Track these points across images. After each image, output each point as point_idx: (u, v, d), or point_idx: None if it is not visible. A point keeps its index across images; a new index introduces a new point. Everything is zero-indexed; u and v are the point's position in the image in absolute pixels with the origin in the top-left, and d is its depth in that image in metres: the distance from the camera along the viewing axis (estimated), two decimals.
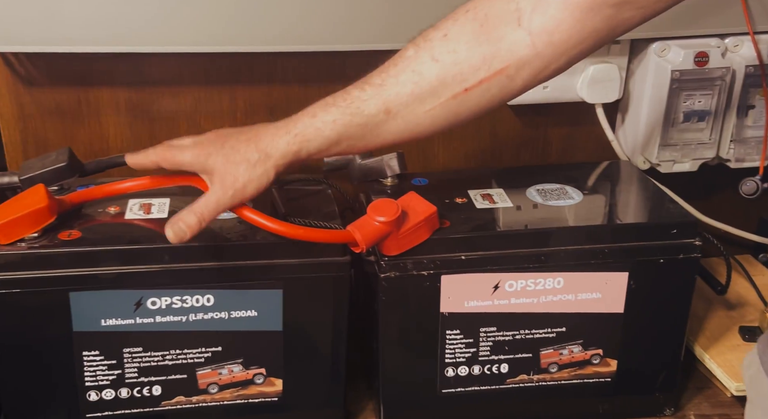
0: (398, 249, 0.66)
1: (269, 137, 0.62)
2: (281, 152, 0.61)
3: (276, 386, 0.69)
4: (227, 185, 0.61)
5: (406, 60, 0.60)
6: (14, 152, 0.82)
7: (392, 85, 0.60)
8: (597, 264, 0.69)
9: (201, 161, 0.62)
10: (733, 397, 0.77)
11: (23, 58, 0.78)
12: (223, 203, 0.61)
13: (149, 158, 0.64)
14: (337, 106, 0.61)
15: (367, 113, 0.60)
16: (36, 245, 0.63)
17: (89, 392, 0.66)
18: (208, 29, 0.75)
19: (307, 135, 0.61)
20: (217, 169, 0.61)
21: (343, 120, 0.60)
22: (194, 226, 0.60)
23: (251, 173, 0.61)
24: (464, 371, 0.71)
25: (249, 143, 0.62)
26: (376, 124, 0.61)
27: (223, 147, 0.62)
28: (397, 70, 0.60)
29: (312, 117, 0.61)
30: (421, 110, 0.60)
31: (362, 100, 0.60)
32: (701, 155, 0.88)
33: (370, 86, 0.61)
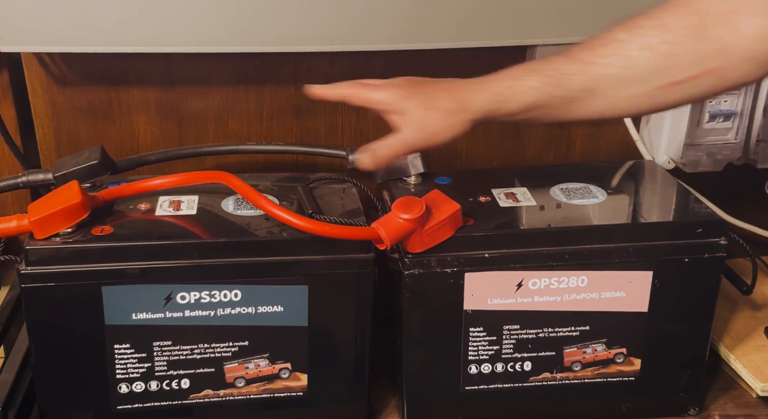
0: (422, 246, 0.67)
1: (468, 90, 0.63)
2: (479, 107, 0.63)
3: (301, 381, 0.70)
4: (421, 128, 0.63)
5: (618, 43, 0.60)
6: (48, 150, 0.84)
7: (600, 65, 0.60)
8: (621, 263, 0.69)
9: (395, 100, 0.64)
10: (758, 398, 0.77)
11: (57, 59, 0.80)
12: (414, 144, 0.63)
13: (336, 90, 0.66)
14: (542, 73, 0.62)
15: (571, 87, 0.61)
16: (70, 240, 0.64)
17: (120, 384, 0.67)
18: (235, 30, 0.77)
19: (507, 96, 0.62)
20: (412, 111, 0.63)
21: (546, 89, 0.61)
22: (386, 156, 0.63)
23: (447, 121, 0.63)
24: (487, 368, 0.71)
25: (449, 92, 0.63)
26: (576, 99, 0.61)
27: (420, 92, 0.64)
28: (606, 52, 0.61)
29: (514, 79, 0.63)
30: (624, 93, 0.60)
31: (568, 75, 0.61)
32: (727, 156, 0.88)
33: (578, 62, 0.61)
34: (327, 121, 0.87)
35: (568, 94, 0.61)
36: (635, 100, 0.61)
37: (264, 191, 0.72)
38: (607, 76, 0.60)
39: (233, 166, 0.86)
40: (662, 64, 0.59)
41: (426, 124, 0.63)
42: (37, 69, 0.81)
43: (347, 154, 0.78)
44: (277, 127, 0.87)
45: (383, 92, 0.65)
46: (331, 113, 0.87)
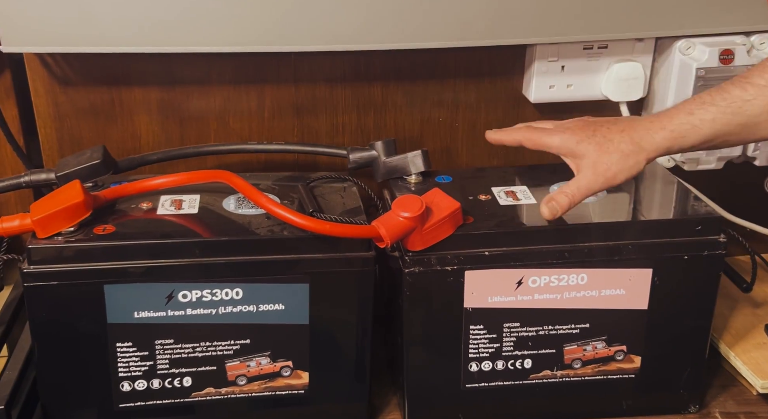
0: (422, 245, 0.67)
1: (643, 130, 0.65)
2: (655, 147, 0.64)
3: (303, 378, 0.70)
4: (599, 172, 0.64)
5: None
6: (50, 150, 0.84)
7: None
8: (621, 260, 0.69)
9: (570, 145, 0.66)
10: (758, 395, 0.77)
11: (59, 59, 0.81)
12: (593, 188, 0.65)
13: (512, 136, 0.70)
14: (716, 104, 0.63)
15: (750, 113, 0.62)
16: (72, 239, 0.65)
17: (122, 382, 0.68)
18: (236, 30, 0.77)
19: (683, 132, 0.63)
20: (589, 155, 0.65)
21: (723, 119, 0.62)
22: (565, 205, 0.65)
23: (623, 163, 0.64)
24: (488, 366, 0.71)
25: (623, 134, 0.65)
26: (756, 123, 0.62)
27: (595, 135, 0.65)
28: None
29: (689, 114, 0.63)
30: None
31: (745, 101, 0.62)
32: (726, 153, 0.88)
33: (753, 86, 0.62)
34: (328, 120, 0.88)
35: (748, 121, 0.62)
36: None
37: (265, 190, 0.72)
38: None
39: (235, 165, 0.86)
40: None
41: (605, 168, 0.64)
42: (39, 69, 0.81)
43: (348, 153, 0.79)
44: (278, 126, 0.87)
45: (558, 136, 0.67)
46: (332, 113, 0.87)
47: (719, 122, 0.62)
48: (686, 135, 0.63)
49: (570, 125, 0.68)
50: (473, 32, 0.80)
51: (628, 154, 0.64)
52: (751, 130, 0.63)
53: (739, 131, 0.63)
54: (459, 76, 0.88)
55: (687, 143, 0.64)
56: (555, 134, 0.68)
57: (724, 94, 0.63)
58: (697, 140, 0.63)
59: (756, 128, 0.63)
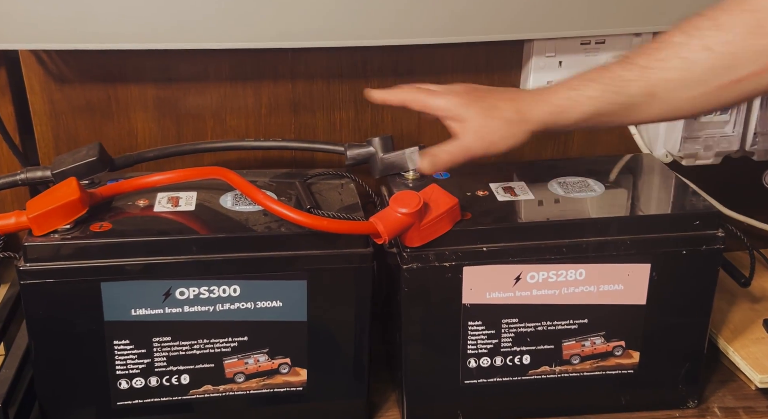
0: (420, 241, 0.67)
1: (529, 101, 0.64)
2: (539, 119, 0.64)
3: (301, 376, 0.70)
4: (481, 135, 0.64)
5: (675, 46, 0.61)
6: (46, 147, 0.84)
7: (659, 69, 0.61)
8: (619, 256, 0.69)
9: (455, 108, 0.65)
10: (757, 390, 0.77)
11: (55, 56, 0.81)
12: (474, 150, 0.65)
13: (397, 96, 0.68)
14: (600, 82, 0.62)
15: (630, 93, 0.62)
16: (68, 236, 0.64)
17: (120, 380, 0.68)
18: (233, 26, 0.77)
19: (565, 107, 0.63)
20: (473, 119, 0.64)
21: (605, 97, 0.62)
22: (446, 161, 0.65)
23: (507, 130, 0.64)
24: (486, 362, 0.71)
25: (510, 102, 0.64)
26: (635, 104, 0.62)
27: (482, 100, 0.65)
28: (664, 55, 0.61)
29: (572, 90, 0.63)
30: (685, 96, 0.61)
31: (626, 80, 0.62)
32: (724, 148, 0.88)
33: (635, 67, 0.62)
34: (325, 117, 0.87)
35: (628, 101, 0.62)
36: (696, 100, 0.61)
37: (262, 186, 0.72)
38: (666, 80, 0.61)
39: (232, 162, 0.86)
40: (722, 63, 0.59)
41: (486, 132, 0.64)
42: (34, 67, 0.81)
43: (345, 149, 0.78)
44: (275, 123, 0.87)
45: (443, 98, 0.66)
46: (329, 109, 0.87)
47: (600, 100, 0.62)
48: (568, 110, 0.63)
49: (457, 89, 0.68)
50: (470, 28, 0.80)
51: (511, 122, 0.64)
52: (630, 111, 0.62)
53: (618, 111, 0.62)
54: (456, 71, 0.87)
55: (569, 117, 0.63)
56: (441, 96, 0.67)
57: (608, 73, 0.63)
58: (578, 115, 0.63)
59: (635, 110, 0.62)
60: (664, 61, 0.61)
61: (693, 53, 0.60)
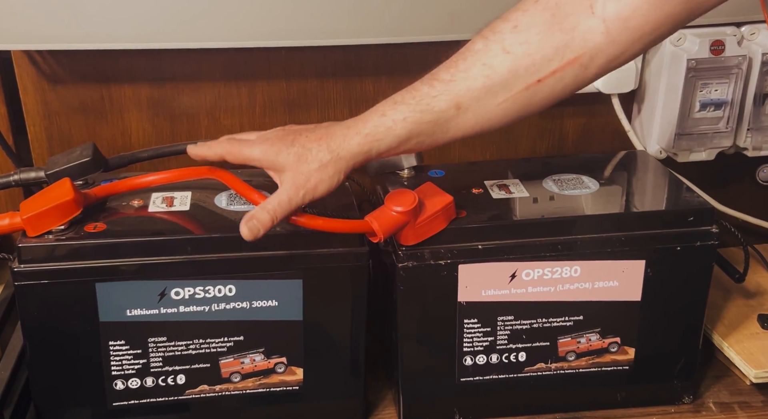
0: (415, 239, 0.67)
1: (340, 137, 0.62)
2: (352, 153, 0.62)
3: (297, 375, 0.70)
4: (299, 184, 0.62)
5: (476, 53, 0.60)
6: (40, 148, 0.84)
7: (462, 79, 0.60)
8: (614, 252, 0.69)
9: (270, 157, 0.63)
10: (752, 385, 0.77)
11: (48, 56, 0.80)
12: (294, 201, 0.62)
13: (213, 150, 0.65)
14: (406, 103, 0.61)
15: (438, 109, 0.60)
16: (63, 237, 0.64)
17: (116, 381, 0.67)
18: (226, 25, 0.76)
19: (378, 135, 0.61)
20: (288, 167, 0.62)
21: (413, 117, 0.61)
22: (267, 223, 0.61)
23: (323, 173, 0.62)
24: (482, 360, 0.71)
25: (320, 142, 0.62)
26: (446, 119, 0.61)
27: (293, 145, 0.62)
28: (466, 65, 0.60)
29: (381, 116, 0.62)
30: (492, 103, 0.60)
31: (432, 97, 0.61)
32: (718, 144, 0.88)
33: (439, 82, 0.61)
34: (319, 115, 0.87)
35: (437, 117, 0.60)
36: (504, 106, 0.60)
37: (257, 186, 0.72)
38: (471, 89, 0.60)
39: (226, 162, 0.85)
40: (523, 64, 0.59)
41: (306, 179, 0.61)
42: (27, 67, 0.81)
43: None
44: (270, 122, 0.87)
45: (257, 148, 0.63)
46: (324, 108, 0.87)
47: (410, 121, 0.60)
48: (381, 137, 0.61)
49: (270, 136, 0.64)
50: (464, 25, 0.80)
51: (326, 163, 0.61)
52: (442, 127, 0.61)
53: (431, 130, 0.61)
54: None
55: (383, 145, 0.61)
56: (255, 146, 0.64)
57: (414, 92, 0.61)
58: (392, 141, 0.61)
59: (446, 126, 0.61)
60: (466, 71, 0.60)
61: (493, 58, 0.59)
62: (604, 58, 0.58)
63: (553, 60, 0.58)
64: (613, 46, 0.57)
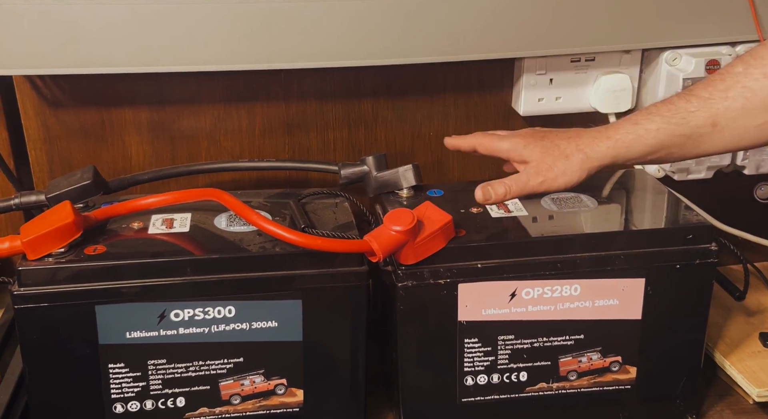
0: (415, 258, 0.67)
1: (589, 138, 0.66)
2: (600, 155, 0.65)
3: (297, 396, 0.70)
4: (541, 171, 0.66)
5: (735, 76, 0.62)
6: (41, 172, 0.84)
7: (721, 99, 0.62)
8: (613, 271, 0.69)
9: (518, 149, 0.68)
10: (755, 404, 0.77)
11: (48, 81, 0.81)
12: (531, 185, 0.67)
13: (467, 141, 0.72)
14: (661, 115, 0.64)
15: (693, 124, 0.63)
16: (63, 260, 0.64)
17: (115, 404, 0.67)
18: (225, 48, 0.77)
19: (628, 142, 0.64)
20: (534, 157, 0.67)
21: (667, 130, 0.63)
22: (500, 194, 0.67)
23: (566, 167, 0.66)
24: (483, 379, 0.71)
25: (570, 140, 0.66)
26: (700, 135, 0.63)
27: (543, 139, 0.67)
28: (725, 86, 0.62)
29: (634, 124, 0.64)
30: (750, 124, 0.62)
31: (688, 112, 0.63)
32: (716, 163, 0.88)
33: (697, 98, 0.63)
34: (319, 137, 0.88)
35: (692, 132, 0.63)
36: (761, 128, 0.62)
37: (257, 207, 0.72)
38: (729, 109, 0.62)
39: (226, 184, 0.86)
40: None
41: (545, 168, 0.66)
42: (28, 92, 0.81)
43: (339, 168, 0.79)
44: (270, 144, 0.87)
45: (508, 141, 0.69)
46: (323, 129, 0.88)
47: (663, 132, 0.63)
48: (631, 145, 0.64)
49: (521, 132, 0.71)
50: (461, 47, 0.81)
51: (571, 159, 0.66)
52: (694, 142, 0.63)
53: (683, 143, 0.63)
54: (448, 90, 0.88)
55: (632, 153, 0.65)
56: (505, 140, 0.70)
57: (670, 105, 0.64)
58: (641, 150, 0.64)
59: (699, 141, 0.63)
60: (725, 91, 0.62)
61: (754, 81, 0.61)
62: None
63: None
64: None
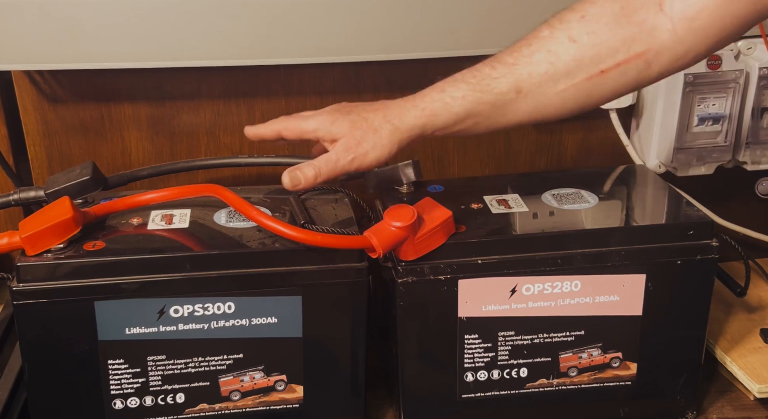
0: (415, 254, 0.67)
1: (397, 109, 0.63)
2: (408, 125, 0.62)
3: (297, 392, 0.70)
4: (349, 146, 0.62)
5: (541, 40, 0.61)
6: (40, 167, 0.84)
7: (525, 64, 0.60)
8: (614, 267, 0.69)
9: (326, 126, 0.64)
10: (755, 400, 0.77)
11: (47, 76, 0.81)
12: (341, 164, 0.63)
13: (270, 127, 0.66)
14: (467, 82, 0.62)
15: (498, 90, 0.61)
16: (62, 255, 0.64)
17: (114, 400, 0.67)
18: (225, 43, 0.77)
19: (435, 110, 0.62)
20: (342, 133, 0.63)
21: (473, 96, 0.61)
22: (310, 178, 0.63)
23: (376, 140, 0.62)
24: (483, 375, 0.71)
25: (377, 112, 0.63)
26: (505, 102, 0.61)
27: (350, 114, 0.64)
28: (530, 50, 0.61)
29: (440, 92, 0.62)
30: (553, 90, 0.60)
31: (493, 78, 0.61)
32: (717, 158, 0.88)
33: (502, 65, 0.61)
34: None
35: (496, 99, 0.61)
36: (563, 95, 0.60)
37: (256, 203, 0.72)
38: (533, 74, 0.60)
39: (226, 180, 0.86)
40: (588, 54, 0.59)
41: (357, 144, 0.62)
42: (27, 87, 0.81)
43: None
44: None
45: (314, 120, 0.65)
46: None
47: (469, 100, 0.61)
48: (438, 113, 0.61)
49: (326, 110, 0.66)
50: (462, 42, 0.81)
51: (381, 132, 0.62)
52: (500, 110, 0.61)
53: (489, 111, 0.61)
54: None
55: (439, 121, 0.62)
56: (311, 119, 0.65)
57: (475, 72, 0.62)
58: (448, 118, 0.62)
59: (504, 109, 0.61)
60: (530, 57, 0.60)
61: (558, 46, 0.59)
62: (670, 56, 0.58)
63: (618, 52, 0.58)
64: (680, 44, 0.57)
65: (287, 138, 0.67)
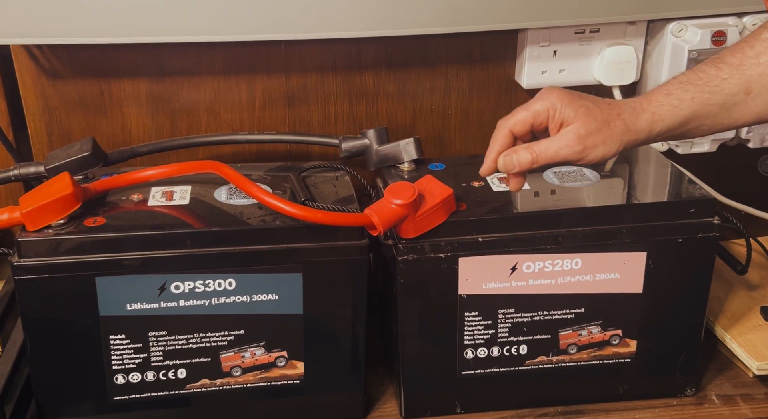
0: (415, 232, 0.66)
1: (629, 110, 0.61)
2: (638, 129, 0.61)
3: (298, 369, 0.70)
4: (578, 139, 0.60)
5: (765, 42, 0.60)
6: (40, 143, 0.84)
7: (752, 65, 0.60)
8: (615, 244, 0.69)
9: (558, 106, 0.60)
10: (755, 377, 0.77)
11: (47, 51, 0.80)
12: (563, 154, 0.60)
13: (494, 152, 0.64)
14: (694, 84, 0.61)
15: (727, 91, 0.60)
16: (62, 231, 0.64)
17: (116, 375, 0.67)
18: (225, 19, 0.76)
19: (662, 114, 0.61)
20: (576, 118, 0.60)
21: (701, 98, 0.60)
22: (526, 163, 0.60)
23: (607, 136, 0.60)
24: (483, 353, 0.71)
25: (611, 108, 0.61)
26: (733, 103, 0.61)
27: (582, 99, 0.61)
28: (755, 52, 0.60)
29: (667, 95, 0.61)
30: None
31: (721, 79, 0.60)
32: (720, 136, 0.88)
33: (727, 66, 0.61)
34: (320, 110, 0.87)
35: (725, 100, 0.61)
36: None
37: (257, 180, 0.72)
38: (763, 75, 0.60)
39: (226, 156, 0.85)
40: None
41: (587, 136, 0.60)
42: (26, 62, 0.80)
43: (340, 142, 0.78)
44: (270, 116, 0.87)
45: (541, 102, 0.61)
46: (324, 102, 0.87)
47: (698, 101, 0.61)
48: (665, 116, 0.61)
49: (551, 90, 0.62)
50: (464, 18, 0.80)
51: (613, 127, 0.60)
52: (727, 111, 0.61)
53: (716, 113, 0.61)
54: (451, 62, 0.87)
55: (664, 126, 0.61)
56: (535, 102, 0.62)
57: (700, 73, 0.62)
58: (675, 121, 0.61)
59: (732, 110, 0.61)
60: (756, 58, 0.60)
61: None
62: None
63: None
64: None
65: (518, 135, 0.63)
